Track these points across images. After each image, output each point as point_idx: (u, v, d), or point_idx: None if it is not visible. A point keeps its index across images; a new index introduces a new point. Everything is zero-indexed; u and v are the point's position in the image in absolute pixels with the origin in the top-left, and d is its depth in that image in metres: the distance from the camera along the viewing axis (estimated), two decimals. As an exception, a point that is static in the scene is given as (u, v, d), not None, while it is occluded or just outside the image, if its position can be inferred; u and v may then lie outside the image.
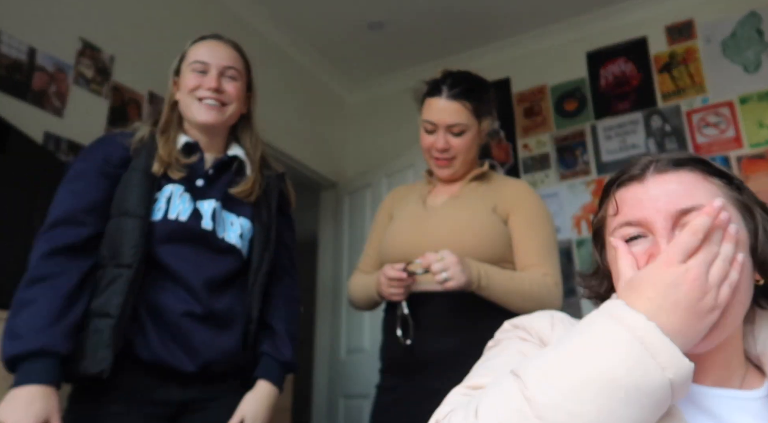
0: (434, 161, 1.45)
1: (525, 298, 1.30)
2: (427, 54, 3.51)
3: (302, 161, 3.35)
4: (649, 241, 0.64)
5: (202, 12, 2.77)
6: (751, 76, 2.77)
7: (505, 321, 0.74)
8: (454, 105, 1.39)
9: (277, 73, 3.23)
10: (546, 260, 1.37)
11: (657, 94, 2.99)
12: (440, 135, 1.41)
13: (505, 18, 3.21)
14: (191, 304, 1.16)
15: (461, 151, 1.42)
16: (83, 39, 2.18)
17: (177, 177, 1.22)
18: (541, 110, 3.27)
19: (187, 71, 1.28)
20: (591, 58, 3.21)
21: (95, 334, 1.07)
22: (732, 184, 0.67)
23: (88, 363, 1.06)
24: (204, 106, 1.26)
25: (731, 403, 0.61)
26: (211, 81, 1.26)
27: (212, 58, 1.28)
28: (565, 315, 0.71)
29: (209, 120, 1.26)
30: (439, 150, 1.41)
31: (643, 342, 0.51)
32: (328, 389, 3.23)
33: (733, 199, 0.66)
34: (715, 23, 2.92)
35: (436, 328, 1.32)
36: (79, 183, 1.17)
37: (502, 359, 0.67)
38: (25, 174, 1.55)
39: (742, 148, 2.71)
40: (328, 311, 3.40)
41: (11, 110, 1.81)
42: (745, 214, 0.65)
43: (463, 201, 1.43)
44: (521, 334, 0.70)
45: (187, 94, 1.27)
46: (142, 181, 1.19)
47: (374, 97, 3.86)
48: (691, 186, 0.65)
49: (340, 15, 3.15)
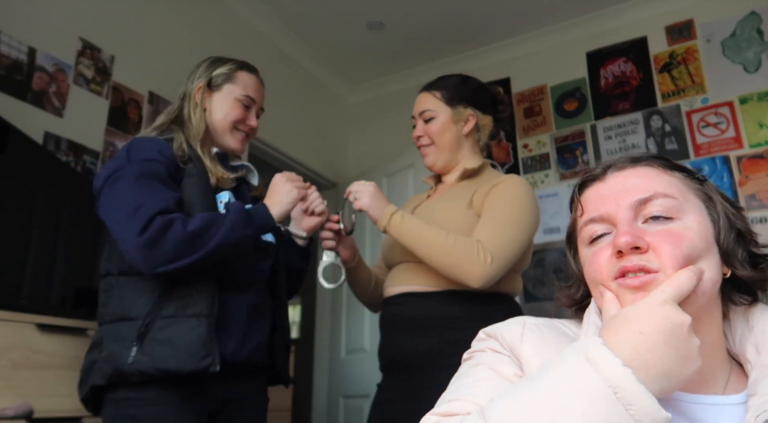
0: (420, 152, 1.56)
1: (441, 252, 1.25)
2: (427, 54, 3.51)
3: (302, 161, 3.35)
4: (613, 235, 0.65)
5: (203, 12, 2.77)
6: (751, 76, 2.77)
7: (480, 330, 0.74)
8: (422, 95, 1.54)
9: (278, 74, 3.23)
10: (491, 234, 1.28)
11: (657, 94, 2.99)
12: (417, 124, 1.53)
13: (505, 18, 3.21)
14: (249, 296, 1.24)
15: (434, 135, 1.49)
16: (83, 39, 2.18)
17: (227, 187, 1.33)
18: (541, 110, 3.28)
19: (232, 99, 1.37)
20: (591, 58, 3.21)
21: (188, 331, 1.11)
22: (693, 177, 0.69)
23: (187, 359, 1.09)
24: (240, 138, 1.39)
25: (713, 410, 0.61)
26: (253, 120, 1.40)
27: (258, 97, 1.42)
28: (538, 320, 0.70)
29: (240, 150, 1.41)
30: (415, 137, 1.53)
31: (617, 391, 0.48)
32: (328, 389, 3.23)
33: (694, 189, 0.67)
34: (715, 23, 2.92)
35: (415, 328, 1.34)
36: (155, 184, 1.15)
37: (472, 378, 0.66)
38: (25, 174, 1.55)
39: (742, 148, 2.71)
40: (328, 311, 3.40)
41: (11, 110, 1.81)
42: (708, 204, 0.67)
43: (443, 200, 1.47)
44: (493, 344, 0.69)
45: (230, 122, 1.36)
46: (206, 187, 1.25)
47: (374, 98, 3.86)
48: (649, 178, 0.66)
49: (340, 15, 3.15)
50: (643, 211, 0.64)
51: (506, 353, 0.68)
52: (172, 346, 1.10)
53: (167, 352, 1.09)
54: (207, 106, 1.36)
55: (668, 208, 0.63)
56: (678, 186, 0.66)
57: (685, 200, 0.65)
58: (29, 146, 1.62)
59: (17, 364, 1.29)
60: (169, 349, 1.09)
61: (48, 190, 1.59)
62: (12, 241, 1.45)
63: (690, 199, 0.65)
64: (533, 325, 0.69)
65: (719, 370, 0.64)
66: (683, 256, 0.60)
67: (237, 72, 1.38)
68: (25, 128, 1.69)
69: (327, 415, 3.16)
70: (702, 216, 0.65)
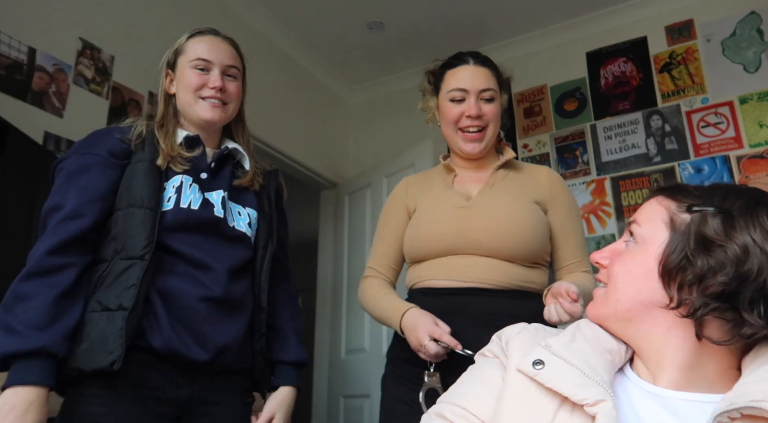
0: (463, 136, 1.39)
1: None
2: (427, 54, 3.50)
3: (302, 161, 3.35)
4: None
5: (203, 12, 2.77)
6: (751, 76, 2.77)
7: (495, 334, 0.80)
8: (483, 70, 1.39)
9: (277, 74, 3.23)
10: (585, 257, 1.36)
11: (657, 94, 2.99)
12: (472, 101, 1.36)
13: (505, 18, 3.21)
14: (210, 289, 1.16)
15: (493, 119, 1.38)
16: (83, 39, 2.18)
17: (180, 170, 1.22)
18: (541, 110, 3.28)
19: (187, 68, 1.27)
20: (591, 58, 3.21)
21: (105, 326, 1.05)
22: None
23: (97, 356, 1.03)
24: (208, 105, 1.26)
25: (700, 407, 0.63)
26: (215, 80, 1.26)
27: (214, 56, 1.28)
28: (541, 326, 0.77)
29: (214, 118, 1.27)
30: (473, 117, 1.36)
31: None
32: (328, 389, 3.23)
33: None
34: (715, 23, 2.92)
35: (481, 323, 1.23)
36: (83, 178, 1.15)
37: (465, 383, 0.76)
38: (25, 174, 1.55)
39: (742, 148, 2.71)
40: (328, 311, 3.40)
41: (11, 110, 1.81)
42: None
43: (499, 190, 1.38)
44: (495, 347, 0.77)
45: (191, 92, 1.27)
46: (150, 172, 1.18)
47: (374, 97, 3.86)
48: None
49: (340, 15, 3.15)
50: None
51: (499, 355, 0.74)
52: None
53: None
54: (176, 91, 1.30)
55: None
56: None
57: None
58: (29, 146, 1.62)
59: (17, 364, 1.28)
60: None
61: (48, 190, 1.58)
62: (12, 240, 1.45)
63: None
64: (532, 327, 0.76)
65: (729, 380, 0.66)
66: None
67: (186, 42, 1.31)
68: (25, 128, 1.69)
69: (327, 415, 3.16)
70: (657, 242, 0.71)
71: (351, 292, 3.26)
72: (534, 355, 0.67)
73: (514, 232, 1.30)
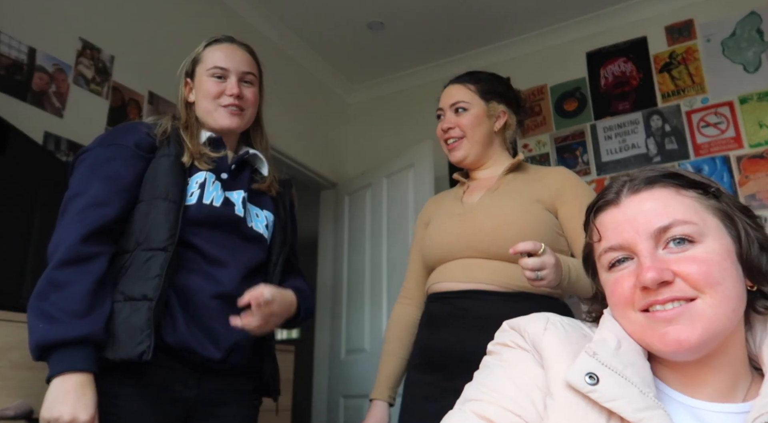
0: (446, 147, 1.51)
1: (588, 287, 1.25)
2: (427, 54, 3.51)
3: (302, 161, 3.35)
4: (635, 263, 0.65)
5: (203, 12, 2.77)
6: (751, 76, 2.77)
7: (504, 322, 0.74)
8: (455, 86, 1.51)
9: (277, 74, 3.23)
10: None
11: (657, 94, 2.99)
12: (447, 116, 1.49)
13: (505, 18, 3.21)
14: (223, 285, 1.17)
15: (466, 128, 1.46)
16: (83, 39, 2.17)
17: (205, 168, 1.25)
18: (541, 110, 3.28)
19: (204, 76, 1.31)
20: (591, 58, 3.21)
21: (129, 315, 1.05)
22: (708, 193, 0.68)
23: (125, 346, 1.03)
24: (227, 112, 1.30)
25: (732, 419, 0.61)
26: (233, 88, 1.29)
27: (231, 63, 1.31)
28: (563, 319, 0.71)
29: (232, 125, 1.31)
30: (445, 129, 1.49)
31: None
32: (328, 389, 3.23)
33: (712, 207, 0.66)
34: (715, 23, 2.92)
35: (484, 326, 1.20)
36: (109, 168, 1.15)
37: (496, 377, 0.67)
38: (25, 174, 1.55)
39: (742, 148, 2.71)
40: (328, 311, 3.40)
41: (11, 110, 1.81)
42: (726, 222, 0.66)
43: (501, 193, 1.41)
44: (516, 337, 0.70)
45: (210, 100, 1.30)
46: (174, 166, 1.20)
47: (374, 98, 3.86)
48: (665, 202, 0.65)
49: (340, 15, 3.15)
50: (664, 236, 0.63)
51: (528, 348, 0.68)
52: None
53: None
54: (195, 99, 1.33)
55: (689, 233, 0.63)
56: (695, 208, 0.65)
57: (704, 223, 0.64)
58: (29, 146, 1.62)
59: (17, 364, 1.28)
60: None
61: (48, 190, 1.58)
62: (12, 241, 1.45)
63: (708, 220, 0.65)
64: (557, 322, 0.70)
65: (740, 380, 0.65)
66: (714, 277, 0.61)
67: (203, 51, 1.34)
68: (25, 128, 1.68)
69: (327, 415, 3.16)
70: (722, 236, 0.65)
71: (351, 292, 3.26)
72: (583, 366, 0.61)
73: (507, 232, 1.31)
